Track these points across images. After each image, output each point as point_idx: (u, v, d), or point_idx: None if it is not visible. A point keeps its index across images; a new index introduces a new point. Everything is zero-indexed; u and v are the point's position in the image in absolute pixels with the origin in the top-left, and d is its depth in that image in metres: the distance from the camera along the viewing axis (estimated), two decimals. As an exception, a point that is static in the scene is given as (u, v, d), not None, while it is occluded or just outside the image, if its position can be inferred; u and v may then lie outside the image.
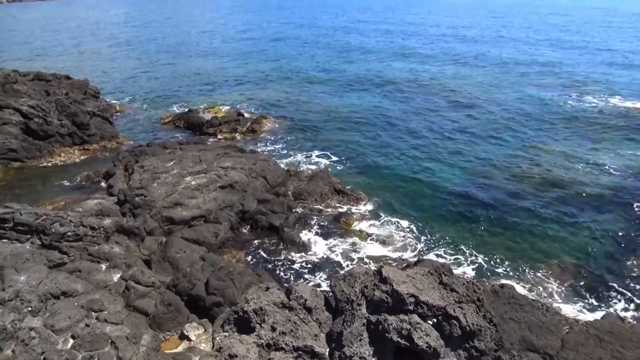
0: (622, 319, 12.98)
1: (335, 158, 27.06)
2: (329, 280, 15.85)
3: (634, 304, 15.08)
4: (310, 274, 16.72)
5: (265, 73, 51.94)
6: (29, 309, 11.96)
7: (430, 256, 17.53)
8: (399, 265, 16.54)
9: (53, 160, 26.15)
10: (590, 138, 29.58)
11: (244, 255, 17.87)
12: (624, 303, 15.16)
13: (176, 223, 18.40)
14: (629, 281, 16.19)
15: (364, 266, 16.17)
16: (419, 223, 19.92)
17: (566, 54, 60.27)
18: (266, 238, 18.90)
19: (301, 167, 25.49)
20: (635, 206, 21.00)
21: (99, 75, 49.99)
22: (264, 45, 76.60)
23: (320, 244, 18.49)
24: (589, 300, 15.28)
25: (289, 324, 10.14)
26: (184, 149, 24.73)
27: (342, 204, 21.49)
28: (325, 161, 26.73)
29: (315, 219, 20.14)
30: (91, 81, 35.41)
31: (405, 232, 19.29)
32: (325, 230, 19.35)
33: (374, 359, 9.97)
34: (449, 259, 17.49)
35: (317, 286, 15.65)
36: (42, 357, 10.79)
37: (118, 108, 37.06)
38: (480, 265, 17.12)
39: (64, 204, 20.04)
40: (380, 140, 29.75)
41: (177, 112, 35.55)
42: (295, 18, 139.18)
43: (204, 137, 29.76)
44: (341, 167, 25.89)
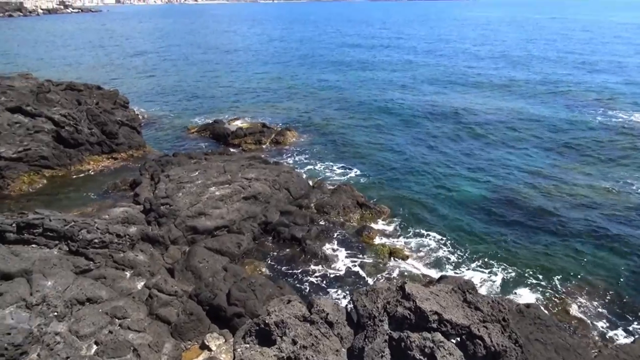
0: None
1: (358, 171, 27.00)
2: (350, 294, 15.73)
3: (666, 328, 14.55)
4: (332, 287, 16.61)
5: (290, 86, 52.42)
6: (55, 313, 12.16)
7: (454, 272, 17.27)
8: (421, 281, 16.33)
9: (82, 168, 26.72)
10: (618, 156, 28.84)
11: (265, 266, 17.88)
12: (656, 327, 14.64)
13: (200, 233, 18.56)
14: (661, 305, 15.65)
15: (387, 281, 16.03)
16: (443, 238, 19.65)
17: (591, 70, 59.22)
18: (288, 250, 18.89)
19: (324, 180, 25.50)
20: (668, 227, 20.36)
21: (128, 86, 51.18)
22: (288, 58, 77.47)
23: (342, 257, 18.38)
24: (619, 322, 14.74)
25: (310, 338, 10.07)
26: (209, 160, 25.04)
27: (365, 217, 21.38)
28: (348, 174, 26.69)
29: (337, 232, 20.07)
30: (121, 91, 36.23)
31: (429, 247, 19.06)
32: (348, 243, 19.25)
33: (395, 376, 9.81)
34: (472, 275, 17.15)
35: (339, 300, 15.55)
36: (66, 362, 10.93)
37: (146, 118, 37.83)
38: (505, 283, 16.74)
39: (92, 211, 20.43)
40: (404, 155, 29.60)
41: (203, 123, 36.07)
42: (319, 32, 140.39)
43: (228, 148, 30.11)
44: (364, 181, 25.81)
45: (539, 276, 17.07)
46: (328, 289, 16.48)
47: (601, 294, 16.05)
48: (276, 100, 44.90)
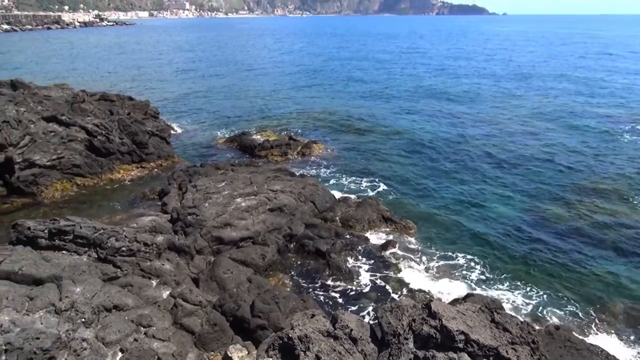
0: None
1: (384, 185, 26.83)
2: (374, 310, 15.60)
3: None
4: (356, 302, 16.45)
5: (316, 99, 52.74)
6: (83, 320, 12.34)
7: (481, 290, 16.90)
8: (447, 299, 16.03)
9: (112, 177, 27.29)
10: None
11: (289, 279, 17.85)
12: (695, 355, 14.00)
13: (225, 243, 18.67)
14: (700, 331, 14.98)
15: (411, 298, 15.81)
16: (470, 256, 19.29)
17: (626, 84, 57.87)
18: (312, 263, 18.83)
19: (350, 193, 25.44)
20: None
21: (159, 97, 52.28)
22: (315, 71, 78.10)
23: (366, 272, 18.22)
24: (655, 349, 14.21)
25: (333, 354, 9.96)
26: (236, 171, 25.28)
27: (391, 232, 21.19)
28: (374, 188, 26.56)
29: (362, 246, 19.91)
30: (151, 102, 37.01)
31: (455, 264, 18.73)
32: (372, 258, 19.08)
33: (419, 396, 9.60)
34: (500, 294, 16.77)
35: (362, 315, 15.38)
36: (92, 369, 11.06)
37: (175, 128, 38.51)
38: (534, 304, 16.28)
39: (120, 219, 20.81)
40: (431, 169, 29.33)
41: (231, 134, 36.52)
42: (345, 45, 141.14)
43: (255, 160, 30.37)
44: (391, 195, 25.63)
45: (570, 298, 16.58)
46: (352, 304, 16.33)
47: (635, 319, 15.46)
48: (303, 112, 45.17)
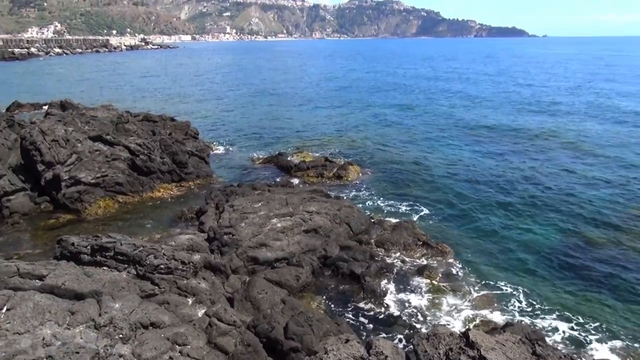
0: None
1: (420, 208, 26.49)
2: (409, 336, 15.26)
3: None
4: (390, 327, 16.15)
5: (353, 120, 52.98)
6: (121, 336, 12.57)
7: (521, 320, 16.30)
8: (485, 327, 15.54)
9: (152, 195, 28.01)
10: None
11: (323, 301, 17.72)
12: None
13: (260, 263, 18.77)
14: None
15: (448, 326, 15.43)
16: (509, 283, 18.69)
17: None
18: (347, 285, 18.66)
19: (385, 216, 25.23)
20: None
21: (199, 117, 53.74)
22: (352, 93, 78.58)
23: (401, 296, 17.92)
24: None
25: (367, 380, 9.79)
26: (272, 191, 25.51)
27: (427, 256, 20.82)
28: (410, 211, 26.25)
29: (397, 270, 19.64)
30: (192, 122, 38.01)
31: (494, 291, 18.17)
32: (408, 282, 18.77)
33: None
34: (541, 325, 16.13)
35: (397, 342, 15.08)
36: (128, 385, 11.21)
37: (214, 148, 39.35)
38: (578, 336, 15.58)
39: (159, 237, 21.26)
40: (470, 194, 28.77)
41: (268, 155, 37.00)
42: (381, 68, 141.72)
43: (291, 180, 30.61)
44: (427, 218, 25.26)
45: (618, 331, 15.78)
46: (385, 329, 16.04)
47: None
48: (339, 134, 45.41)
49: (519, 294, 18.00)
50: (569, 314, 16.71)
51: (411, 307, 17.22)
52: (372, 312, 16.97)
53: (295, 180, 30.87)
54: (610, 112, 55.41)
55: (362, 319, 16.62)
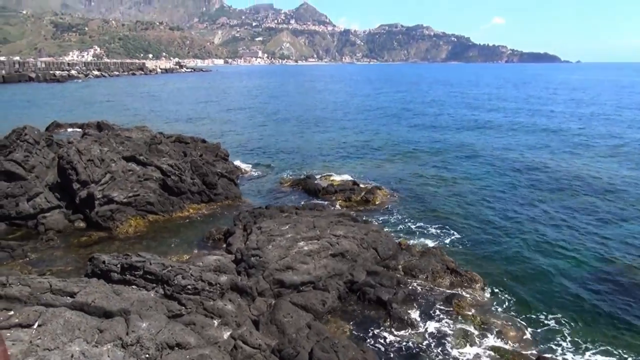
0: None
1: (449, 234, 26.04)
2: (437, 366, 14.86)
3: None
4: (416, 357, 15.74)
5: (382, 145, 52.94)
6: (147, 356, 12.62)
7: (554, 355, 15.69)
8: (516, 360, 15.02)
9: (182, 215, 28.41)
10: None
11: (349, 327, 17.46)
12: None
13: (286, 287, 18.69)
14: None
15: (477, 358, 14.98)
16: (542, 314, 18.04)
17: None
18: (373, 312, 18.37)
19: (413, 241, 24.89)
20: None
21: (229, 139, 54.66)
22: (381, 117, 78.84)
23: (429, 325, 17.50)
24: None
25: (393, 412, 9.53)
26: (300, 214, 25.55)
27: (455, 284, 20.36)
28: (439, 237, 25.81)
29: (425, 297, 19.25)
30: (222, 144, 38.65)
31: (525, 322, 17.56)
32: (436, 310, 18.34)
33: None
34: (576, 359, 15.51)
35: (424, 372, 14.70)
36: (152, 406, 11.19)
37: (243, 170, 39.80)
38: (616, 373, 14.92)
39: (188, 257, 21.47)
40: (500, 219, 28.18)
41: (296, 177, 37.20)
42: (414, 91, 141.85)
43: (318, 204, 30.59)
44: (456, 245, 24.78)
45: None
46: (413, 358, 15.67)
47: None
48: (368, 158, 45.40)
49: (554, 327, 17.36)
50: (604, 347, 15.99)
51: (438, 337, 16.79)
52: (399, 340, 16.62)
53: (322, 204, 30.86)
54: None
55: (388, 346, 16.28)
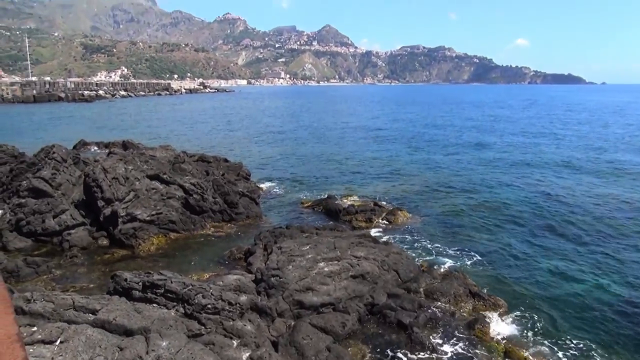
0: None
1: (472, 257, 25.57)
2: (460, 394, 14.46)
3: None
4: (439, 383, 15.41)
5: (403, 166, 52.73)
6: (166, 375, 12.60)
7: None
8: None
9: (203, 234, 28.59)
10: None
11: (369, 350, 17.16)
12: None
13: (306, 308, 18.54)
14: None
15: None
16: (568, 340, 17.45)
17: None
18: (393, 335, 18.04)
19: (435, 264, 24.52)
20: None
21: (251, 158, 55.13)
22: (402, 137, 78.70)
23: (451, 350, 17.10)
24: None
25: None
26: (320, 234, 25.46)
27: (478, 309, 19.91)
28: (461, 259, 25.35)
29: (447, 321, 18.84)
30: (244, 163, 38.98)
31: (549, 350, 17.01)
32: (458, 335, 17.93)
33: None
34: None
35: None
36: None
37: (264, 189, 40.00)
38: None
39: (208, 276, 21.51)
40: (524, 243, 27.61)
41: (317, 198, 37.18)
42: (436, 112, 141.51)
43: (339, 224, 30.47)
44: (479, 268, 24.30)
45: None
46: (435, 385, 15.30)
47: None
48: (389, 179, 45.18)
49: (581, 354, 16.79)
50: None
51: (462, 363, 16.39)
52: (420, 366, 16.27)
53: (343, 224, 30.72)
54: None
55: (410, 372, 15.95)
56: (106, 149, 54.05)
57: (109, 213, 26.36)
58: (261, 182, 42.09)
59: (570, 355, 16.78)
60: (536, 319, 19.10)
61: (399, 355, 16.88)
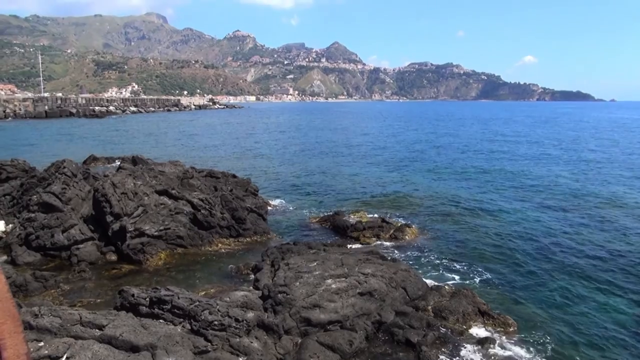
0: None
1: (482, 275, 25.29)
2: (469, 415, 14.19)
3: None
4: (448, 404, 15.13)
5: (411, 181, 52.63)
6: (171, 392, 12.50)
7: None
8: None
9: (210, 249, 28.56)
10: None
11: (376, 369, 16.96)
12: None
13: (313, 325, 18.36)
14: None
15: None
16: (580, 363, 17.17)
17: None
18: (401, 354, 17.80)
19: (443, 281, 24.27)
20: None
21: (259, 174, 55.28)
22: (409, 154, 78.63)
23: (461, 370, 16.85)
24: None
25: None
26: (328, 251, 25.34)
27: (487, 328, 19.63)
28: (470, 277, 25.10)
29: (456, 340, 18.58)
30: (252, 179, 39.08)
31: (563, 372, 16.74)
32: (467, 355, 17.66)
33: None
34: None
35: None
36: None
37: (271, 205, 40.00)
38: None
39: (214, 292, 21.42)
40: (535, 261, 27.27)
41: (324, 214, 37.10)
42: (446, 129, 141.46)
43: (347, 240, 30.36)
44: (488, 286, 24.01)
45: None
46: (444, 406, 15.03)
47: None
48: (397, 196, 44.99)
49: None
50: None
51: (471, 383, 16.12)
52: (429, 386, 16.00)
53: (351, 241, 30.59)
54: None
55: (418, 392, 15.68)
56: (116, 163, 54.50)
57: (118, 228, 26.44)
58: (269, 198, 42.11)
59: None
60: (547, 340, 18.74)
61: (407, 374, 16.64)
